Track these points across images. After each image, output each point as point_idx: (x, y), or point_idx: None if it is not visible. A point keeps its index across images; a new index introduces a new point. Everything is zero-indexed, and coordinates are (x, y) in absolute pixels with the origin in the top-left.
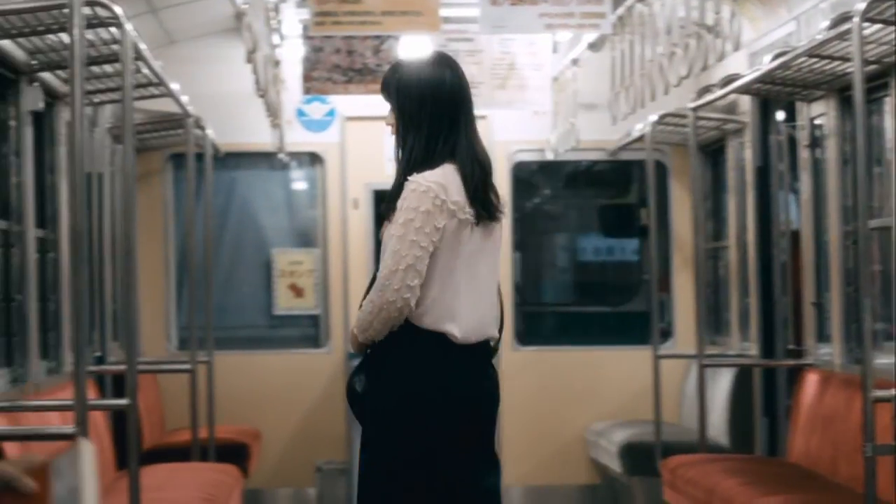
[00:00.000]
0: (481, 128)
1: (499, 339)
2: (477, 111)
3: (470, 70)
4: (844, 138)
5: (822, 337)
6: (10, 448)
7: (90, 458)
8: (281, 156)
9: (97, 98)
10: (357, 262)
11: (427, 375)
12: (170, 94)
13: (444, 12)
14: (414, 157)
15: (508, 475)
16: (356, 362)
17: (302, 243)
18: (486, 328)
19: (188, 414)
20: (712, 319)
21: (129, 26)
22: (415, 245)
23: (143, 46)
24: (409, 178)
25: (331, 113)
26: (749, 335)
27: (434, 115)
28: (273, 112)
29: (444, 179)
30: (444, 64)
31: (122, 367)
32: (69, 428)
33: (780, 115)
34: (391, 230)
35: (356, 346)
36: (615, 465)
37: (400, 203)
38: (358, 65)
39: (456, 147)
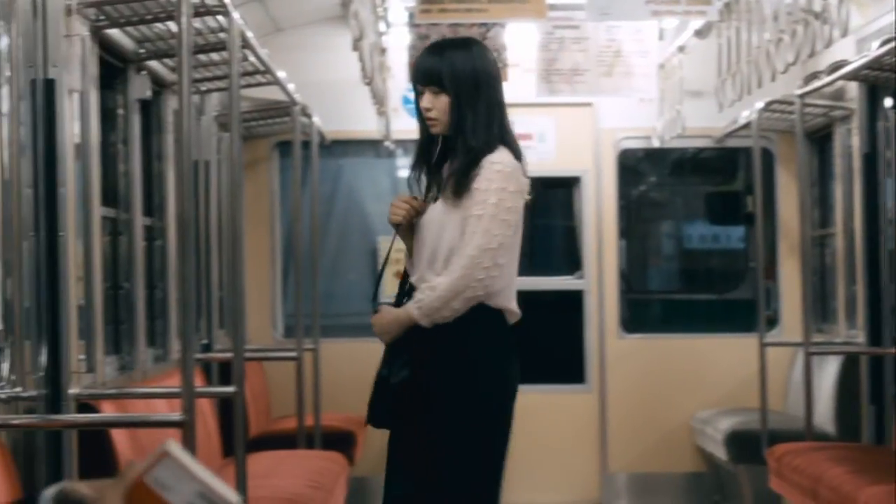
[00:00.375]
0: (588, 115)
1: None
2: (583, 98)
3: (576, 58)
4: None
5: None
6: (118, 435)
7: (187, 456)
8: (387, 143)
9: (204, 86)
10: None
11: (506, 358)
12: (276, 82)
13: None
14: (477, 140)
15: (614, 462)
16: None
17: None
18: None
19: (294, 401)
20: (819, 307)
21: (236, 15)
22: (504, 224)
23: (249, 34)
24: (486, 159)
25: None
26: (856, 323)
27: (489, 100)
28: (379, 100)
29: (515, 161)
30: (486, 48)
31: (228, 354)
32: (176, 415)
33: (888, 102)
34: (476, 210)
35: (392, 335)
36: (721, 453)
37: (485, 184)
38: None
39: (505, 131)
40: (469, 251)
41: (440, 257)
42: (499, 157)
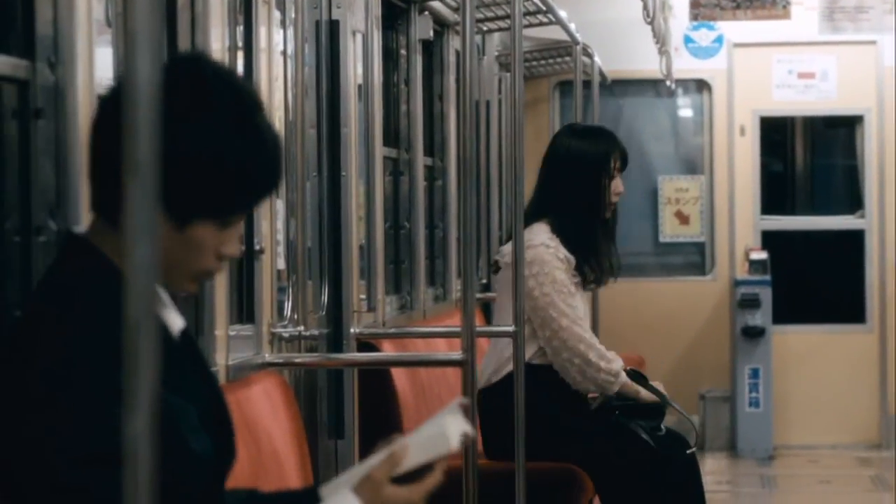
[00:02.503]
0: (871, 53)
1: None
2: (866, 36)
3: None
4: None
5: None
6: (399, 374)
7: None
8: (668, 83)
9: (486, 26)
10: (743, 190)
11: None
12: (558, 22)
13: None
14: None
15: (894, 404)
16: (740, 294)
17: (687, 170)
18: None
19: None
20: None
21: None
22: None
23: None
24: None
25: (718, 39)
26: None
27: None
28: (660, 39)
29: None
30: None
31: None
32: (457, 354)
33: None
34: None
35: None
36: None
37: None
38: None
39: None
40: None
41: None
42: None
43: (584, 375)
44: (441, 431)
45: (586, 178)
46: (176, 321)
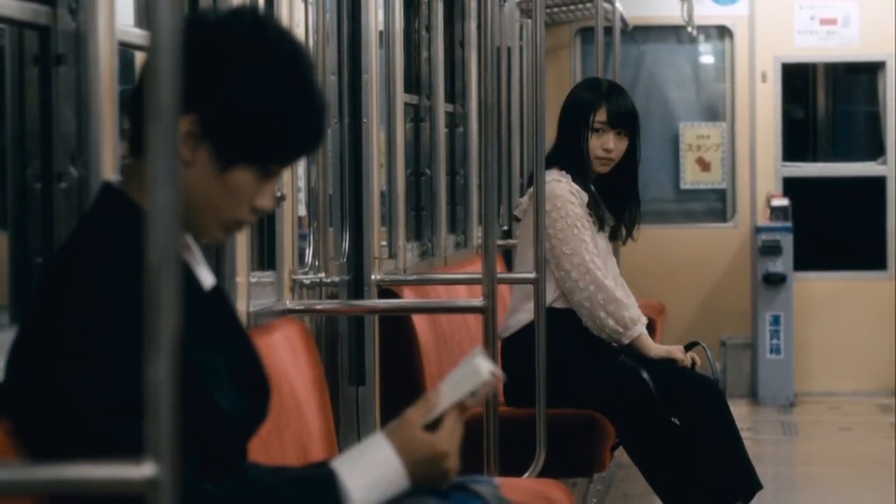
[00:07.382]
0: None
1: None
2: None
3: None
4: None
5: None
6: (420, 321)
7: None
8: (689, 29)
9: None
10: (764, 136)
11: None
12: None
13: None
14: None
15: None
16: (761, 241)
17: (709, 117)
18: None
19: None
20: None
21: None
22: None
23: None
24: None
25: None
26: None
27: None
28: None
29: None
30: None
31: None
32: (478, 301)
33: None
34: None
35: None
36: None
37: None
38: None
39: None
40: None
41: None
42: None
43: (593, 321)
44: (470, 368)
45: (568, 128)
46: (207, 277)
